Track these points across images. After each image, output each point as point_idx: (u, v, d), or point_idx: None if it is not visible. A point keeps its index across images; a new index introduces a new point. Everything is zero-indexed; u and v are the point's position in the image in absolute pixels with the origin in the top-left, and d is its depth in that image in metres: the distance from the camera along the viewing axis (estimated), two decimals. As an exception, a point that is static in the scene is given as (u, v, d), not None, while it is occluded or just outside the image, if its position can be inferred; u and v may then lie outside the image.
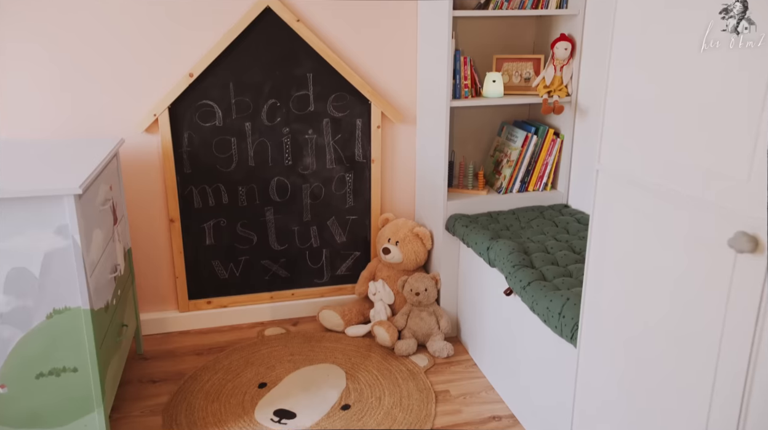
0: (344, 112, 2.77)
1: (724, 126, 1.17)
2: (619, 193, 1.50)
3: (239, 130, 2.67)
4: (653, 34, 1.35)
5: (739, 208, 1.14)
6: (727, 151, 1.16)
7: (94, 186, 1.94)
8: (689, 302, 1.28)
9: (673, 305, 1.33)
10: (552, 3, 2.54)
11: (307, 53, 2.64)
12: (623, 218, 1.49)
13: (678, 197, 1.29)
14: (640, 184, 1.41)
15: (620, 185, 1.49)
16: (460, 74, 2.54)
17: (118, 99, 2.53)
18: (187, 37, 2.52)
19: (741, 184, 1.13)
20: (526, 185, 2.73)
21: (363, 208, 2.92)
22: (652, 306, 1.40)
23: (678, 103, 1.28)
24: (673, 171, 1.30)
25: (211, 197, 2.72)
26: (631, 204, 1.45)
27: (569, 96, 2.61)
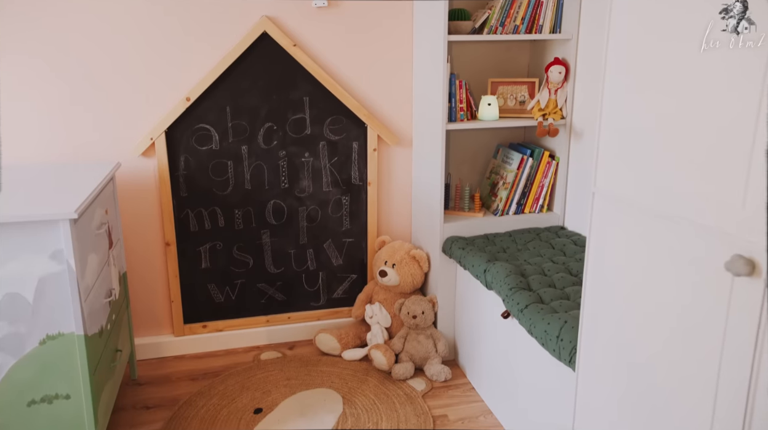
0: (341, 135, 2.78)
1: (718, 150, 1.17)
2: (616, 216, 1.50)
3: (236, 154, 2.68)
4: (646, 58, 1.36)
5: (735, 232, 1.14)
6: (722, 175, 1.17)
7: (89, 210, 1.94)
8: (688, 325, 1.27)
9: (671, 328, 1.32)
10: (546, 28, 2.57)
11: (303, 77, 2.66)
12: (620, 241, 1.49)
13: (674, 221, 1.29)
14: (636, 207, 1.41)
15: (616, 208, 1.49)
16: (455, 97, 2.56)
17: (114, 123, 2.54)
18: (184, 62, 2.54)
19: (736, 208, 1.13)
20: (523, 207, 2.74)
21: (359, 231, 2.92)
22: (650, 329, 1.39)
23: (672, 127, 1.29)
24: (669, 194, 1.30)
25: (207, 221, 2.72)
26: (628, 227, 1.45)
27: (564, 119, 2.63)
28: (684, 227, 1.26)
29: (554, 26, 2.58)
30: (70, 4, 2.38)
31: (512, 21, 2.53)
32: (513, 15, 2.53)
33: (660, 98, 1.32)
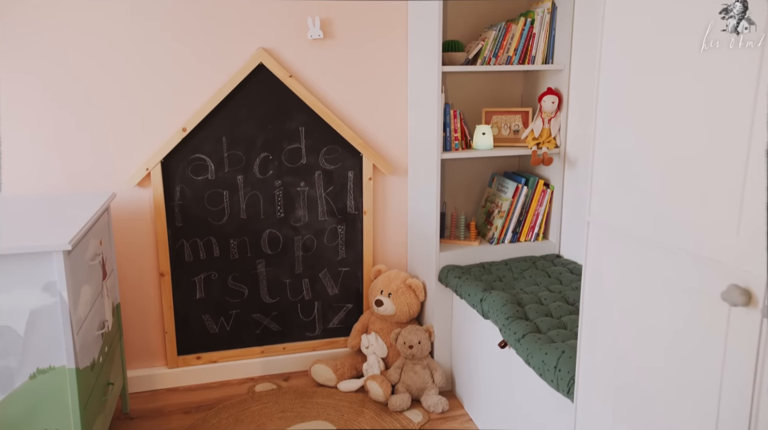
0: (336, 164, 2.79)
1: (711, 179, 1.18)
2: (611, 245, 1.50)
3: (231, 183, 2.68)
4: (638, 88, 1.38)
5: (730, 262, 1.14)
6: (715, 204, 1.17)
7: (84, 241, 1.92)
8: (686, 355, 1.26)
9: (670, 359, 1.31)
10: (538, 58, 2.61)
11: (299, 107, 2.68)
12: (616, 270, 1.48)
13: (669, 250, 1.29)
14: (631, 236, 1.41)
15: (611, 237, 1.49)
16: (450, 127, 2.58)
17: (110, 153, 2.54)
18: (180, 93, 2.56)
19: (731, 238, 1.13)
20: (518, 236, 2.74)
21: (355, 260, 2.91)
22: (648, 360, 1.38)
23: (664, 156, 1.30)
24: (663, 223, 1.31)
25: (203, 250, 2.71)
26: (624, 256, 1.45)
27: (558, 147, 2.65)
28: (680, 256, 1.26)
29: (546, 57, 2.62)
30: (66, 38, 2.41)
31: (505, 52, 2.57)
32: (506, 46, 2.56)
33: (652, 128, 1.34)
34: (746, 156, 1.09)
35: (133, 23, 2.46)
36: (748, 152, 1.09)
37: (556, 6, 2.58)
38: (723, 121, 1.15)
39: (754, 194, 1.08)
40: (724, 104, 1.14)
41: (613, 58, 1.47)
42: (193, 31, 2.53)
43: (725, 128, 1.14)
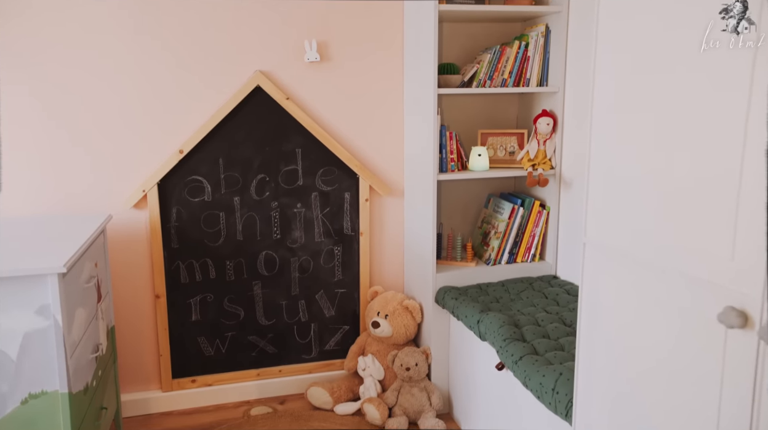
0: (333, 185, 2.80)
1: (705, 202, 1.19)
2: (607, 266, 1.50)
3: (228, 205, 2.68)
4: (632, 110, 1.39)
5: (726, 283, 1.14)
6: (710, 226, 1.17)
7: (79, 263, 1.92)
8: (684, 378, 1.26)
9: (667, 380, 1.30)
10: (533, 81, 2.63)
11: (296, 129, 2.70)
12: (613, 291, 1.48)
13: (665, 272, 1.29)
14: (627, 257, 1.42)
15: (607, 259, 1.49)
16: (446, 148, 2.60)
17: (107, 175, 2.54)
18: (178, 115, 2.58)
19: (726, 259, 1.13)
20: (515, 257, 2.74)
21: (352, 282, 2.90)
22: (646, 382, 1.37)
23: (659, 179, 1.31)
24: (659, 245, 1.31)
25: (199, 272, 2.70)
26: (620, 277, 1.45)
27: (553, 169, 2.66)
28: (675, 278, 1.26)
29: (541, 79, 2.65)
30: (65, 58, 2.43)
31: (500, 75, 2.59)
32: (501, 69, 2.59)
33: (646, 149, 1.35)
34: (739, 177, 1.10)
35: (131, 45, 2.48)
36: (741, 174, 1.10)
37: (550, 30, 2.62)
38: (716, 145, 1.16)
39: (748, 216, 1.09)
40: (715, 129, 1.15)
41: (607, 81, 1.48)
42: (192, 54, 2.55)
43: (718, 152, 1.15)
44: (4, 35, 2.35)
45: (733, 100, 1.11)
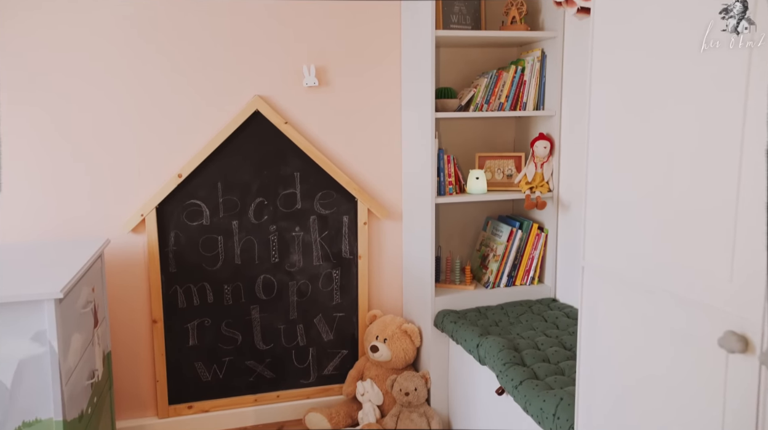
0: (331, 209, 2.80)
1: (702, 224, 1.19)
2: (606, 290, 1.49)
3: (226, 229, 2.68)
4: (628, 132, 1.40)
5: (725, 307, 1.13)
6: (707, 249, 1.17)
7: (76, 289, 1.91)
8: (685, 402, 1.24)
9: (669, 404, 1.29)
10: (529, 105, 2.65)
11: (294, 153, 2.71)
12: (612, 315, 1.47)
13: (664, 295, 1.29)
14: (625, 281, 1.41)
15: (606, 282, 1.49)
16: (444, 172, 2.61)
17: (105, 199, 2.55)
18: (177, 138, 2.59)
19: (724, 283, 1.13)
20: (514, 280, 2.73)
21: (350, 305, 2.88)
22: (647, 407, 1.36)
23: (656, 201, 1.31)
24: (658, 268, 1.31)
25: (196, 296, 2.68)
26: (619, 301, 1.45)
27: (551, 191, 2.67)
28: (675, 301, 1.26)
29: (537, 103, 2.67)
30: (63, 84, 2.44)
31: (497, 99, 2.62)
32: (497, 93, 2.61)
33: (642, 172, 1.35)
34: (736, 198, 1.10)
35: (130, 69, 2.51)
36: (737, 194, 1.10)
37: (546, 54, 2.65)
38: (711, 167, 1.16)
39: (745, 239, 1.09)
40: (711, 150, 1.16)
41: (603, 105, 1.49)
42: (190, 79, 2.57)
43: (714, 174, 1.16)
44: (3, 62, 2.37)
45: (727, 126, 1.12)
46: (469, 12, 2.68)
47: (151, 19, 2.50)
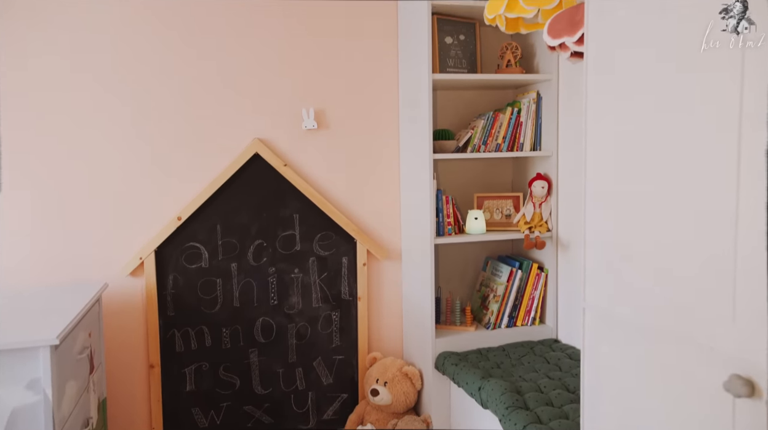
0: (330, 250, 2.80)
1: (702, 265, 1.18)
2: (608, 332, 1.48)
3: (225, 271, 2.67)
4: (625, 174, 1.41)
5: (729, 350, 1.12)
6: (709, 290, 1.17)
7: (72, 334, 1.89)
8: (693, 449, 1.22)
9: (676, 453, 1.26)
10: (526, 145, 2.68)
11: (293, 195, 2.72)
12: (615, 357, 1.45)
13: (667, 338, 1.27)
14: (627, 323, 1.40)
15: (608, 324, 1.48)
16: (442, 212, 2.61)
17: (105, 242, 2.54)
18: (177, 182, 2.60)
19: (727, 325, 1.12)
20: (515, 320, 2.70)
21: (350, 348, 2.85)
22: (654, 454, 1.33)
23: (655, 242, 1.31)
24: (659, 310, 1.30)
25: (194, 340, 2.65)
26: (622, 343, 1.43)
27: (550, 231, 2.67)
28: (679, 344, 1.25)
29: (534, 144, 2.70)
30: (64, 127, 2.47)
31: (494, 140, 2.65)
32: (495, 134, 2.64)
33: (639, 213, 1.35)
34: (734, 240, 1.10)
35: (129, 112, 2.54)
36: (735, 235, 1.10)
37: (541, 96, 2.69)
38: (710, 208, 1.17)
39: (746, 279, 1.08)
40: (709, 192, 1.17)
41: (598, 146, 1.51)
42: (191, 122, 2.60)
43: (713, 214, 1.16)
44: (4, 119, 2.40)
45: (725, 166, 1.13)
46: (465, 56, 2.74)
47: (150, 61, 2.54)
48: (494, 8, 2.17)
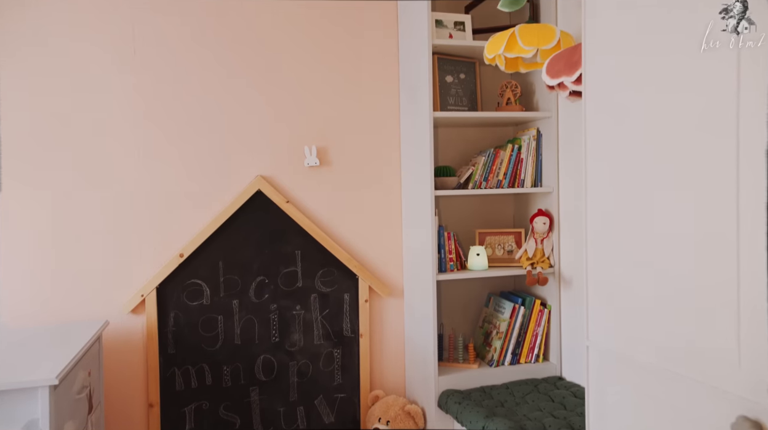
0: (332, 287, 2.79)
1: (706, 305, 1.18)
2: (613, 370, 1.46)
3: (226, 308, 2.66)
4: (625, 215, 1.42)
5: (736, 391, 1.11)
6: (713, 330, 1.16)
7: (72, 373, 1.87)
8: (702, 493, 1.19)
9: (685, 497, 1.24)
10: (527, 182, 2.70)
11: (295, 231, 2.73)
12: (620, 397, 1.44)
13: (672, 377, 1.26)
14: (632, 362, 1.39)
15: (613, 363, 1.46)
16: (444, 249, 2.61)
17: (107, 280, 2.54)
18: (179, 219, 2.61)
19: (733, 365, 1.11)
20: (518, 357, 2.68)
21: (352, 386, 2.81)
22: (663, 498, 1.30)
23: (657, 280, 1.31)
24: (665, 349, 1.29)
25: (194, 379, 2.62)
26: (627, 382, 1.41)
27: (552, 267, 2.67)
28: (685, 385, 1.23)
29: (535, 180, 2.72)
30: (66, 162, 2.50)
31: (495, 176, 2.66)
32: (495, 171, 2.67)
33: (642, 251, 1.36)
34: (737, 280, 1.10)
35: (133, 148, 2.57)
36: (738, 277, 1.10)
37: (541, 133, 2.72)
38: (712, 245, 1.17)
39: (751, 319, 1.08)
40: (711, 229, 1.17)
41: (598, 183, 1.52)
42: (194, 158, 2.63)
43: (715, 253, 1.16)
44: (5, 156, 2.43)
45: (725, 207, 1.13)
46: (465, 94, 2.78)
47: (153, 99, 2.58)
48: (494, 48, 2.22)
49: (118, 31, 2.53)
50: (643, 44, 1.34)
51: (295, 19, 2.74)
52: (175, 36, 2.60)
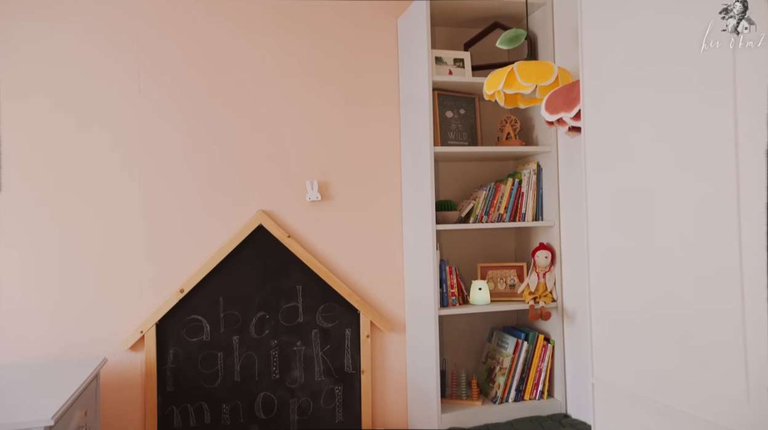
0: (333, 322, 2.76)
1: (712, 340, 1.16)
2: (619, 408, 1.44)
3: (227, 344, 2.63)
4: (626, 248, 1.41)
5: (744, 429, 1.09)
6: (720, 367, 1.14)
7: (68, 413, 1.84)
8: None
9: None
10: (528, 215, 2.70)
11: (296, 266, 2.72)
12: (627, 438, 1.41)
13: (678, 416, 1.24)
14: (638, 400, 1.36)
15: (618, 400, 1.44)
16: (446, 283, 2.60)
17: (106, 316, 2.52)
18: (179, 254, 2.61)
19: (741, 404, 1.09)
20: (522, 394, 2.63)
21: (353, 423, 2.76)
22: None
23: (661, 318, 1.29)
24: (670, 387, 1.26)
25: (193, 417, 2.58)
26: (634, 420, 1.39)
27: (555, 301, 2.64)
28: (693, 424, 1.21)
29: (536, 214, 2.72)
30: (68, 198, 2.50)
31: (496, 210, 2.67)
32: (496, 205, 2.67)
33: (645, 286, 1.35)
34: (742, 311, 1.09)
35: (134, 183, 2.58)
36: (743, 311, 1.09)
37: (541, 167, 2.73)
38: (715, 279, 1.16)
39: (757, 354, 1.06)
40: (712, 266, 1.16)
41: (600, 218, 1.52)
42: (195, 194, 2.64)
43: (718, 285, 1.15)
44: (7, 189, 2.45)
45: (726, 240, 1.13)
46: (465, 128, 2.80)
47: (154, 132, 2.61)
48: (493, 84, 2.25)
49: (121, 68, 2.57)
50: (642, 79, 1.35)
51: (297, 55, 2.79)
52: (176, 71, 2.64)
